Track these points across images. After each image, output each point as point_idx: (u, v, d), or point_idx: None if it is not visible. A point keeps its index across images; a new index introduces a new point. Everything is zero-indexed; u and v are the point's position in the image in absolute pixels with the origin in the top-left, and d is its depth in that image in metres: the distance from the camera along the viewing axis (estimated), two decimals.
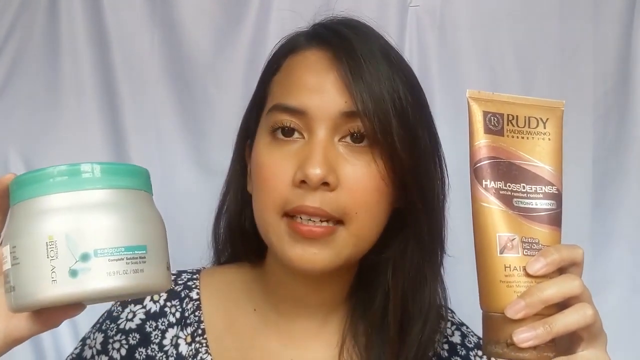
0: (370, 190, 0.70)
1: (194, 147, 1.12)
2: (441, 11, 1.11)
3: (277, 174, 0.70)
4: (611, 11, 1.11)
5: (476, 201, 0.60)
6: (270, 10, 1.11)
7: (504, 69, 1.11)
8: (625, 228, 1.11)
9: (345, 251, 0.70)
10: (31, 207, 0.52)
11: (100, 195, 0.52)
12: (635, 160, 1.11)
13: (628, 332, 1.08)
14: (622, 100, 1.11)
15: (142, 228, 0.53)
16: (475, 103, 0.61)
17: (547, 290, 0.56)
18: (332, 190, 0.68)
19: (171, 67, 1.12)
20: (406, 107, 0.71)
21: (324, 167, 0.67)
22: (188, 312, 0.78)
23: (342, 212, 0.69)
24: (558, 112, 0.63)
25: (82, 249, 0.50)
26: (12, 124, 1.09)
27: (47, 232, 0.50)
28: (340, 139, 0.70)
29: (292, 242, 0.69)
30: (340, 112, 0.69)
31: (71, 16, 1.09)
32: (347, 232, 0.69)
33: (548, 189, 0.60)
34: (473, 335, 0.83)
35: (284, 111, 0.71)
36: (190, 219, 1.06)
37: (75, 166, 0.52)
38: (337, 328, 0.77)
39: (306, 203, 0.68)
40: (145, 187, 0.56)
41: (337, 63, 0.70)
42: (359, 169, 0.69)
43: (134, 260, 0.51)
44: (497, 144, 0.60)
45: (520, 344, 0.56)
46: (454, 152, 0.78)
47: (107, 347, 0.78)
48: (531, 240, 0.59)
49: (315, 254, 0.69)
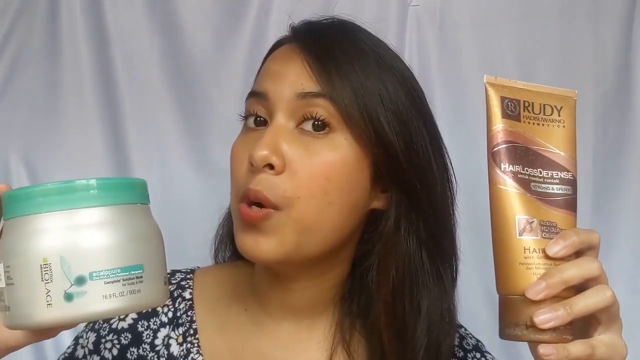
0: (317, 177, 0.67)
1: (194, 147, 1.12)
2: (441, 11, 1.11)
3: (238, 161, 0.69)
4: (611, 11, 1.11)
5: (494, 184, 0.60)
6: (270, 10, 1.11)
7: (504, 68, 1.11)
8: (625, 228, 1.11)
9: (288, 238, 0.67)
10: (25, 225, 0.50)
11: (96, 213, 0.50)
12: (635, 160, 1.11)
13: (628, 332, 1.07)
14: (622, 100, 1.11)
15: (139, 246, 0.52)
16: (493, 88, 0.62)
17: (568, 272, 0.57)
18: (278, 174, 0.66)
19: (171, 67, 1.12)
20: (388, 101, 0.69)
21: (268, 149, 0.66)
22: (180, 312, 0.78)
23: (282, 197, 0.66)
24: (571, 102, 0.63)
25: (77, 272, 0.49)
26: (12, 124, 1.09)
27: (41, 253, 0.49)
28: (298, 125, 0.68)
29: (240, 230, 0.68)
30: (296, 94, 0.68)
31: (71, 16, 1.09)
32: (286, 216, 0.67)
33: (564, 174, 0.61)
34: (471, 338, 0.82)
35: (251, 96, 0.71)
36: (189, 218, 1.06)
37: (70, 183, 0.50)
38: (328, 330, 0.76)
39: (249, 186, 0.66)
40: (141, 199, 0.54)
41: (303, 50, 0.70)
42: (311, 154, 0.67)
43: (131, 281, 0.50)
44: (514, 129, 0.61)
45: (541, 325, 0.56)
46: (454, 152, 0.78)
47: (99, 346, 0.78)
48: (549, 224, 0.59)
49: (256, 241, 0.67)
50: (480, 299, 1.03)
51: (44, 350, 1.07)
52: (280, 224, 0.67)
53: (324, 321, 0.77)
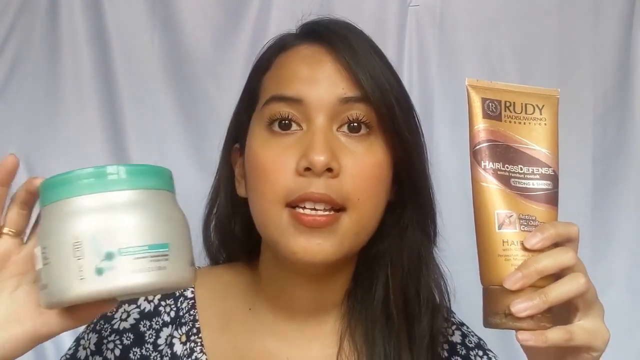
0: (370, 178, 0.71)
1: (194, 147, 1.12)
2: (441, 11, 1.11)
3: (278, 166, 0.69)
4: (611, 11, 1.11)
5: (476, 181, 0.62)
6: (270, 10, 1.11)
7: (504, 68, 1.11)
8: (625, 228, 1.11)
9: (347, 241, 0.70)
10: (60, 208, 0.54)
11: (126, 195, 0.54)
12: (635, 160, 1.11)
13: (627, 332, 1.08)
14: (622, 100, 1.11)
15: (165, 226, 0.55)
16: (474, 90, 0.65)
17: (543, 262, 0.59)
18: (335, 177, 0.69)
19: (171, 67, 1.12)
20: (399, 96, 0.73)
21: (327, 153, 0.68)
22: (183, 311, 0.78)
23: (346, 198, 0.69)
24: (554, 100, 0.66)
25: (107, 248, 0.52)
26: (12, 123, 1.09)
27: (74, 232, 0.53)
28: (338, 129, 0.71)
29: (296, 234, 0.69)
30: (338, 98, 0.70)
31: (71, 16, 1.09)
32: (350, 219, 0.70)
33: (544, 170, 0.63)
34: (473, 335, 0.83)
35: (280, 101, 0.71)
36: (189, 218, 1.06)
37: (102, 168, 0.54)
38: (334, 327, 0.77)
39: (311, 190, 0.68)
40: (168, 186, 0.58)
41: (333, 53, 0.71)
42: (360, 157, 0.70)
43: (157, 257, 0.53)
44: (495, 128, 0.63)
45: (518, 313, 0.58)
46: (454, 153, 0.78)
47: (101, 347, 0.78)
48: (528, 217, 0.61)
49: (320, 244, 0.68)
50: (480, 296, 1.02)
51: (44, 351, 1.07)
52: (343, 226, 0.69)
53: (330, 319, 0.77)
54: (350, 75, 0.70)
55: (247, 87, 0.79)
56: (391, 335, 0.75)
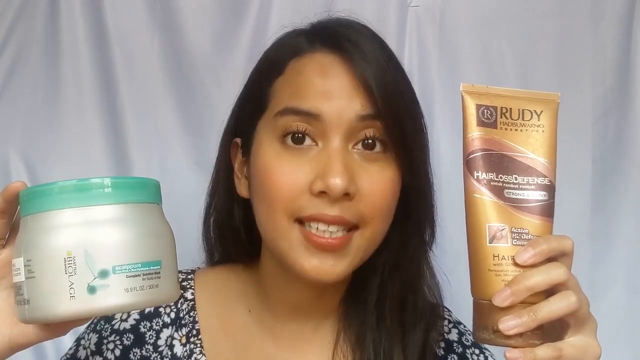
0: (385, 196, 0.70)
1: (194, 147, 1.12)
2: (441, 11, 1.11)
3: (290, 181, 0.68)
4: (611, 11, 1.11)
5: (468, 192, 0.61)
6: (270, 9, 1.11)
7: (504, 68, 1.11)
8: (625, 228, 1.11)
9: (358, 258, 0.70)
10: (44, 220, 0.52)
11: (113, 210, 0.52)
12: (635, 160, 1.11)
13: (628, 332, 1.08)
14: (621, 100, 1.11)
15: (157, 243, 0.53)
16: (469, 96, 0.62)
17: (533, 278, 0.57)
18: (351, 200, 0.68)
19: (171, 67, 1.12)
20: (413, 112, 0.72)
21: (345, 178, 0.66)
22: (183, 313, 0.78)
23: (360, 218, 0.68)
24: (553, 105, 0.63)
25: (101, 265, 0.50)
26: (12, 123, 1.09)
27: (65, 247, 0.50)
28: (354, 146, 0.70)
29: (308, 254, 0.68)
30: (356, 116, 0.68)
31: (71, 17, 1.09)
32: (362, 237, 0.69)
33: (540, 180, 0.61)
34: (470, 334, 0.83)
35: (295, 114, 0.69)
36: (190, 218, 1.05)
37: (87, 181, 0.52)
38: (332, 330, 0.77)
39: (324, 211, 0.67)
40: (156, 199, 0.56)
41: (349, 65, 0.69)
42: (374, 175, 0.69)
43: (150, 276, 0.52)
44: (489, 136, 0.61)
45: (506, 331, 0.57)
46: (455, 152, 0.78)
47: (101, 347, 0.78)
48: (521, 231, 0.60)
49: (333, 266, 0.68)
50: None
51: (44, 351, 1.07)
52: (355, 246, 0.69)
53: (329, 322, 0.78)
54: (366, 91, 0.68)
55: (255, 87, 0.77)
56: (385, 339, 0.75)
